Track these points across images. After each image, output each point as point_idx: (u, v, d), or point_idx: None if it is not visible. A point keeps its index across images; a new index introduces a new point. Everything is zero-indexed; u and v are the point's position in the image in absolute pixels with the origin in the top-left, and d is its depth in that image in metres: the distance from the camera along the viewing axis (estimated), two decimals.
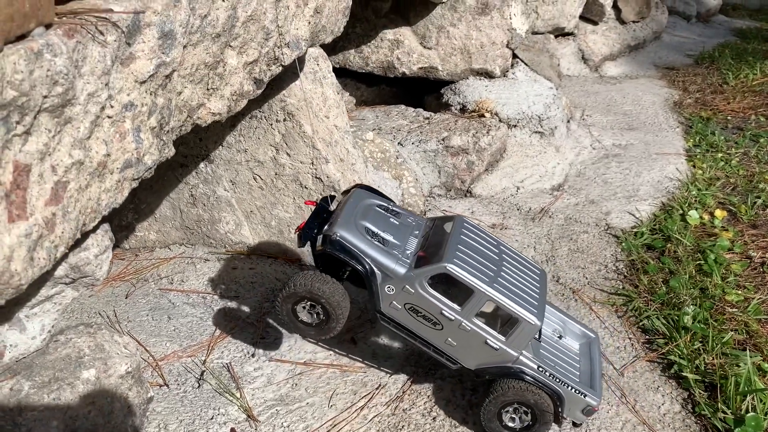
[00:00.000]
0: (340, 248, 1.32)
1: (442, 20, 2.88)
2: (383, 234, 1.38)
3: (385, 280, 1.33)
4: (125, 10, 0.90)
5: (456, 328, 1.35)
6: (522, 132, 2.77)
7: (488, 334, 1.35)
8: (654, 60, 4.57)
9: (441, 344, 1.38)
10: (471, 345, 1.36)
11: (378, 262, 1.32)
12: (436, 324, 1.35)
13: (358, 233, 1.34)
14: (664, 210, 2.46)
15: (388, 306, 1.35)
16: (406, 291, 1.32)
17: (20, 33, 0.74)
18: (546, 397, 1.37)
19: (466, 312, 1.33)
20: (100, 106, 0.87)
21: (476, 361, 1.39)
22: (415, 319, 1.35)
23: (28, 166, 0.76)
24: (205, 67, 1.16)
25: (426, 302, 1.33)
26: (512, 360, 1.37)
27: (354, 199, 1.43)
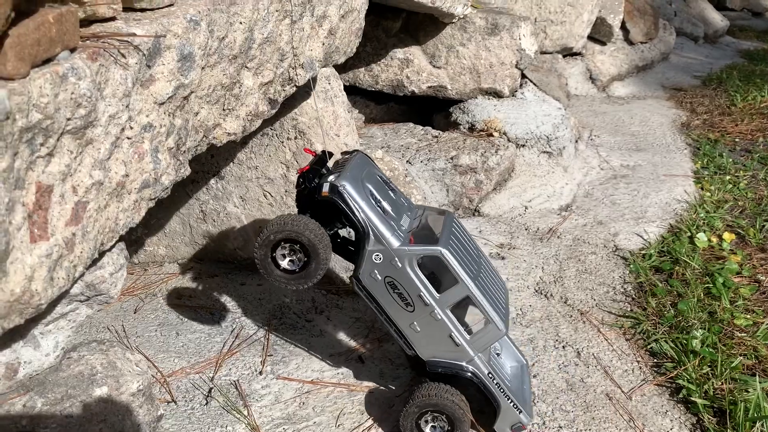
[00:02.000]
0: (342, 201, 1.29)
1: (451, 40, 2.91)
2: (383, 203, 1.37)
3: (375, 247, 1.31)
4: (147, 33, 0.91)
5: (427, 314, 1.35)
6: (530, 152, 2.78)
7: (455, 327, 1.36)
8: (662, 81, 4.59)
9: (405, 327, 1.37)
10: (434, 334, 1.37)
11: (375, 227, 1.30)
12: (408, 305, 1.35)
13: (363, 192, 1.33)
14: (672, 232, 2.45)
15: (368, 275, 1.34)
16: (392, 264, 1.31)
17: (46, 57, 0.76)
18: (464, 406, 1.38)
19: (443, 300, 1.34)
20: (121, 127, 0.89)
21: (433, 352, 1.39)
22: (390, 294, 1.34)
23: (51, 187, 0.77)
24: (222, 88, 1.18)
25: (408, 281, 1.32)
26: (467, 359, 1.38)
27: (359, 161, 1.42)
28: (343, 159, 1.43)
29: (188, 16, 1.02)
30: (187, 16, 1.02)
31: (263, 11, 1.25)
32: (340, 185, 1.29)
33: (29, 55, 0.72)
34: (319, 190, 1.31)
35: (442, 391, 1.37)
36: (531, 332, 1.89)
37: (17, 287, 0.73)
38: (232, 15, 1.16)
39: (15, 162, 0.71)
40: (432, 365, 1.40)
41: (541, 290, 2.10)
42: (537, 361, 1.77)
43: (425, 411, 1.37)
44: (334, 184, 1.30)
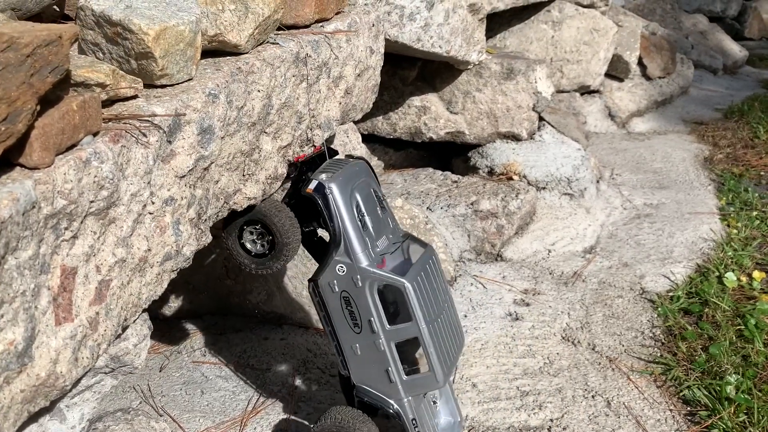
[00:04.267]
0: (324, 202, 1.28)
1: (467, 86, 2.94)
2: (366, 217, 1.35)
3: (342, 258, 1.29)
4: (167, 112, 0.94)
5: (370, 341, 1.32)
6: (551, 194, 2.77)
7: (394, 364, 1.33)
8: (682, 115, 4.57)
9: (347, 346, 1.34)
10: (371, 363, 1.33)
11: (349, 239, 1.28)
12: (357, 326, 1.32)
13: (348, 200, 1.30)
14: (700, 272, 2.41)
15: (327, 283, 1.31)
16: (353, 281, 1.28)
17: (70, 144, 0.79)
18: None
19: (391, 333, 1.31)
20: (143, 204, 0.91)
21: (364, 380, 1.36)
22: (342, 309, 1.32)
23: (75, 268, 0.79)
24: (241, 155, 1.20)
25: (363, 303, 1.29)
26: (397, 399, 1.35)
27: (357, 169, 1.40)
28: (340, 160, 1.42)
29: (207, 90, 1.05)
30: (206, 90, 1.05)
31: (280, 78, 1.28)
32: (327, 186, 1.28)
33: (54, 145, 0.75)
34: (306, 184, 1.30)
35: (357, 419, 1.34)
36: (559, 382, 1.85)
37: (42, 371, 0.74)
38: (250, 84, 1.20)
39: (40, 248, 0.73)
40: (360, 392, 1.37)
41: (568, 337, 2.07)
42: (566, 413, 1.73)
43: None
44: (322, 183, 1.28)
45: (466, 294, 2.26)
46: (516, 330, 2.08)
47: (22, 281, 0.70)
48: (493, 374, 1.88)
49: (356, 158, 1.44)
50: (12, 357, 0.69)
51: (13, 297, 0.69)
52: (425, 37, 2.38)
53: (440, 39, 2.45)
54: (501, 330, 2.07)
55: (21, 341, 0.70)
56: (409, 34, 2.32)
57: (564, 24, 4.06)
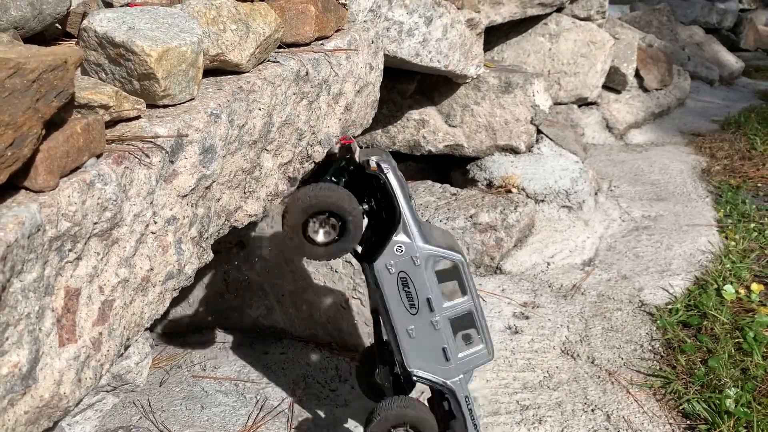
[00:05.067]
0: (387, 179, 1.27)
1: (466, 99, 2.96)
2: (412, 200, 1.35)
3: (401, 238, 1.28)
4: (170, 133, 0.95)
5: (427, 321, 1.31)
6: (550, 207, 2.78)
7: (450, 342, 1.33)
8: (679, 126, 4.59)
9: (402, 330, 1.33)
10: (427, 344, 1.33)
11: (407, 218, 1.27)
12: (413, 306, 1.31)
13: (401, 182, 1.30)
14: (698, 285, 2.42)
15: (384, 264, 1.29)
16: (412, 260, 1.28)
17: (74, 167, 0.79)
18: (432, 421, 1.35)
19: (448, 309, 1.32)
20: (145, 224, 0.91)
21: (420, 364, 1.35)
22: (398, 290, 1.30)
23: (78, 290, 0.80)
24: (243, 173, 1.21)
25: (422, 281, 1.29)
26: (452, 378, 1.36)
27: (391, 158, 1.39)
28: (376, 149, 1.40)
29: (209, 110, 1.06)
30: (208, 110, 1.06)
31: (281, 96, 1.29)
32: (387, 168, 1.27)
33: (58, 168, 0.76)
34: (367, 164, 1.28)
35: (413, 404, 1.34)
36: (559, 396, 1.85)
37: (46, 392, 0.74)
38: (251, 102, 1.21)
39: (45, 270, 0.74)
40: (418, 378, 1.36)
41: (568, 350, 2.07)
42: (566, 427, 1.73)
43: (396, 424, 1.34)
44: (380, 163, 1.28)
45: None
46: (515, 343, 2.08)
47: (26, 304, 0.70)
48: (492, 388, 1.88)
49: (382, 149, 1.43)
50: (16, 379, 0.70)
51: (18, 320, 0.69)
52: (424, 52, 2.40)
53: (438, 54, 2.47)
54: (500, 343, 2.07)
55: (25, 363, 0.71)
56: (407, 49, 2.33)
57: (561, 37, 4.09)
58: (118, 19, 1.05)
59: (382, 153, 1.36)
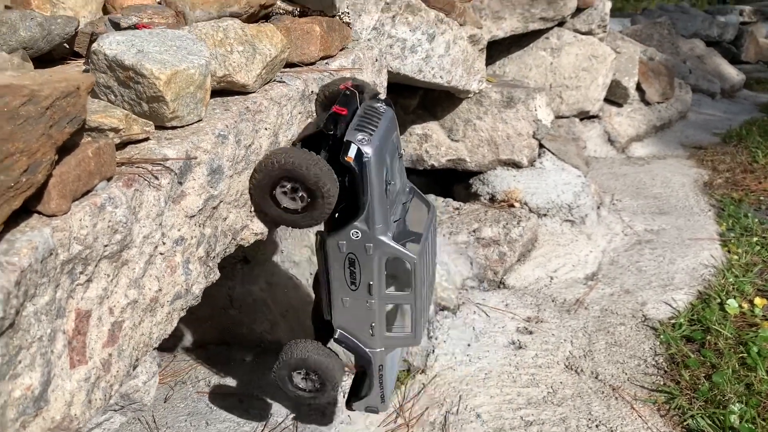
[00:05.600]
0: (360, 172, 1.21)
1: (468, 114, 2.97)
2: (391, 183, 1.31)
3: (360, 225, 1.24)
4: (178, 155, 0.97)
5: (363, 300, 1.32)
6: (552, 221, 2.79)
7: (379, 322, 1.35)
8: (681, 139, 4.60)
9: (337, 297, 1.34)
10: (358, 317, 1.35)
11: (373, 211, 1.23)
12: (353, 284, 1.31)
13: (380, 169, 1.25)
14: (702, 299, 2.42)
15: (336, 242, 1.27)
16: (365, 248, 1.26)
17: (86, 190, 0.81)
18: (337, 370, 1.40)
19: (387, 298, 1.33)
20: (154, 245, 0.93)
21: (346, 327, 1.37)
22: (342, 268, 1.29)
23: (89, 311, 0.81)
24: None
25: (368, 268, 1.28)
26: (372, 348, 1.38)
27: (389, 124, 1.33)
28: (374, 110, 1.31)
29: (216, 131, 1.08)
30: (216, 131, 1.07)
31: (287, 115, 1.31)
32: (366, 156, 1.20)
33: (70, 192, 0.77)
34: (345, 151, 1.20)
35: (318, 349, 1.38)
36: (563, 411, 1.86)
37: (57, 414, 0.75)
38: (258, 122, 1.22)
39: (57, 293, 0.75)
40: (339, 336, 1.38)
41: (571, 365, 2.07)
42: None
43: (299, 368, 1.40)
44: (361, 151, 1.20)
45: (469, 322, 2.27)
46: (519, 359, 2.08)
47: (39, 327, 0.72)
48: (497, 404, 1.88)
49: (385, 103, 1.36)
50: (29, 402, 0.70)
51: (31, 343, 0.70)
52: (426, 68, 2.42)
53: (441, 70, 2.49)
54: (504, 359, 2.08)
55: (38, 386, 0.71)
56: (410, 66, 2.35)
57: (563, 51, 4.12)
58: (127, 42, 1.07)
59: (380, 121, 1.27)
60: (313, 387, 1.42)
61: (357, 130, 1.22)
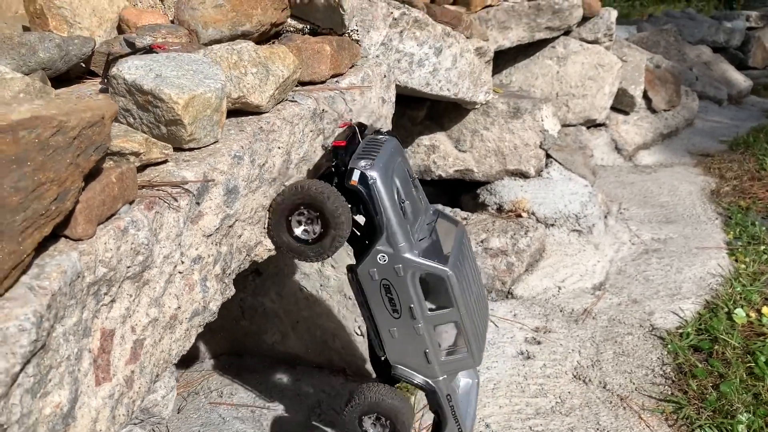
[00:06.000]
0: (368, 194, 1.24)
1: (475, 125, 3.00)
2: (405, 203, 1.32)
3: (384, 248, 1.26)
4: (196, 177, 1.00)
5: (410, 326, 1.31)
6: (560, 231, 2.81)
7: (432, 346, 1.33)
8: (688, 147, 4.61)
9: (384, 330, 1.33)
10: (410, 346, 1.33)
11: (392, 229, 1.25)
12: (396, 311, 1.31)
13: (390, 189, 1.28)
14: (709, 308, 2.44)
15: (367, 271, 1.28)
16: (395, 270, 1.27)
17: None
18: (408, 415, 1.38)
19: (431, 318, 1.31)
20: (174, 264, 0.96)
21: (402, 361, 1.36)
22: (381, 296, 1.30)
23: (113, 330, 0.84)
24: (263, 209, 1.26)
25: (404, 290, 1.28)
26: (433, 377, 1.36)
27: (392, 149, 1.36)
28: (376, 140, 1.36)
29: (232, 152, 1.11)
30: (232, 152, 1.11)
31: (299, 134, 1.34)
32: (371, 178, 1.23)
33: (96, 216, 0.81)
34: (349, 176, 1.25)
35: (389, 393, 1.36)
36: (571, 421, 1.88)
37: (84, 430, 0.78)
38: (271, 142, 1.26)
39: (83, 314, 0.78)
40: (397, 372, 1.37)
41: (579, 375, 2.09)
42: None
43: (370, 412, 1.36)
44: (365, 174, 1.24)
45: None
46: (528, 369, 2.11)
47: (67, 347, 0.75)
48: (506, 414, 1.90)
49: (387, 134, 1.41)
50: (58, 419, 0.74)
51: (60, 362, 0.74)
52: (434, 81, 2.45)
53: (448, 82, 2.52)
54: (513, 369, 2.10)
55: (66, 403, 0.75)
56: (418, 79, 2.39)
57: (569, 60, 4.14)
58: (145, 66, 1.10)
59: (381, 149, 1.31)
60: None
61: (359, 159, 1.27)
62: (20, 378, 0.67)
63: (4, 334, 0.64)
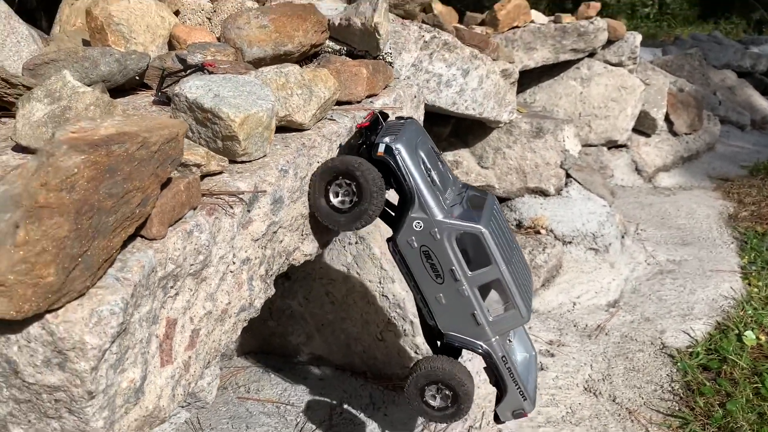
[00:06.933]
0: (395, 163, 1.32)
1: (498, 143, 3.11)
2: (433, 172, 1.39)
3: (418, 214, 1.33)
4: (249, 188, 1.12)
5: (454, 289, 1.36)
6: (577, 248, 2.91)
7: (479, 307, 1.37)
8: (708, 171, 4.67)
9: (431, 297, 1.38)
10: (457, 310, 1.38)
11: (422, 194, 1.33)
12: (438, 276, 1.36)
13: (416, 159, 1.36)
14: (720, 329, 2.51)
15: (405, 240, 1.35)
16: (431, 234, 1.33)
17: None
18: (469, 384, 1.39)
19: (473, 278, 1.35)
20: (227, 264, 1.08)
21: (452, 327, 1.40)
22: (422, 263, 1.36)
23: (175, 320, 0.96)
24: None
25: (443, 253, 1.34)
26: (485, 339, 1.39)
27: (414, 128, 1.45)
28: (398, 123, 1.45)
29: (279, 166, 1.23)
30: (279, 166, 1.23)
31: (336, 150, 1.46)
32: (395, 148, 1.32)
33: (168, 220, 0.93)
34: (375, 149, 1.33)
35: (451, 365, 1.38)
36: (580, 431, 1.96)
37: (150, 404, 0.90)
38: (312, 156, 1.38)
39: (153, 304, 0.90)
40: (449, 338, 1.40)
41: (590, 388, 2.18)
42: None
43: (431, 383, 1.39)
44: (390, 145, 1.32)
45: None
46: (541, 379, 2.20)
47: (140, 331, 0.87)
48: (518, 422, 2.00)
49: (407, 118, 1.49)
50: (131, 392, 0.86)
51: (135, 344, 0.86)
52: (460, 101, 2.57)
53: (474, 102, 2.64)
54: None
55: (138, 380, 0.87)
56: (445, 99, 2.51)
57: (592, 81, 4.24)
58: (204, 86, 1.23)
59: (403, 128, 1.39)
60: (444, 404, 1.42)
61: (384, 136, 1.37)
62: (107, 354, 0.79)
63: (99, 316, 0.76)
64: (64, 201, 0.76)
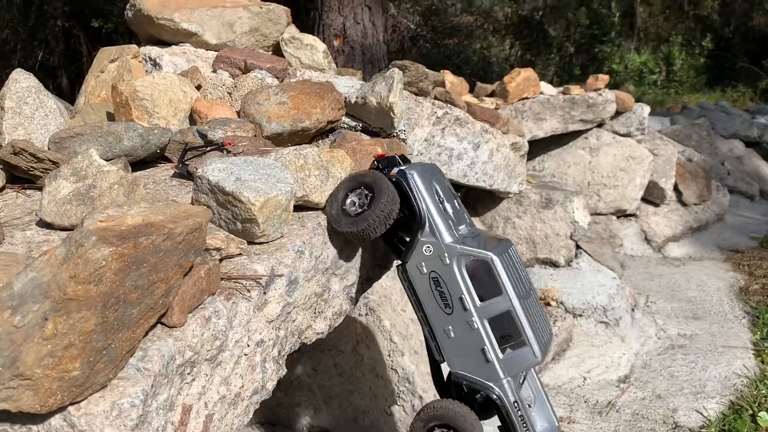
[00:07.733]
0: (407, 184, 1.35)
1: (508, 212, 3.15)
2: (446, 203, 1.39)
3: (427, 239, 1.33)
4: (266, 271, 1.15)
5: (463, 320, 1.32)
6: (587, 321, 2.89)
7: (489, 342, 1.31)
8: (717, 241, 4.67)
9: (439, 329, 1.34)
10: (466, 344, 1.32)
11: (433, 218, 1.33)
12: (447, 306, 1.33)
13: (429, 186, 1.37)
14: (733, 409, 2.47)
15: (414, 265, 1.34)
16: (441, 259, 1.31)
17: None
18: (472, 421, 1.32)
19: (483, 309, 1.31)
20: (242, 348, 1.09)
21: (460, 365, 1.34)
22: (431, 290, 1.33)
23: (191, 406, 0.97)
24: (315, 296, 1.40)
25: (452, 280, 1.31)
26: (496, 381, 1.32)
27: (432, 166, 1.47)
28: (419, 162, 1.49)
29: (296, 247, 1.26)
30: (295, 247, 1.26)
31: None
32: (409, 172, 1.36)
33: (188, 307, 0.95)
34: (389, 170, 1.38)
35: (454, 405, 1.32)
36: None
37: None
38: (326, 235, 1.41)
39: (170, 391, 0.92)
40: (457, 378, 1.35)
41: None
42: None
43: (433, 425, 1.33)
44: (403, 170, 1.36)
45: None
46: None
47: (157, 420, 0.88)
48: None
49: (428, 163, 1.52)
50: None
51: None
52: (471, 173, 2.62)
53: (484, 174, 2.68)
54: None
55: None
56: (456, 171, 2.55)
57: (601, 151, 4.30)
58: (226, 170, 1.28)
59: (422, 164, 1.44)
60: None
61: (398, 166, 1.42)
62: None
63: (120, 409, 0.78)
64: (91, 294, 0.78)
